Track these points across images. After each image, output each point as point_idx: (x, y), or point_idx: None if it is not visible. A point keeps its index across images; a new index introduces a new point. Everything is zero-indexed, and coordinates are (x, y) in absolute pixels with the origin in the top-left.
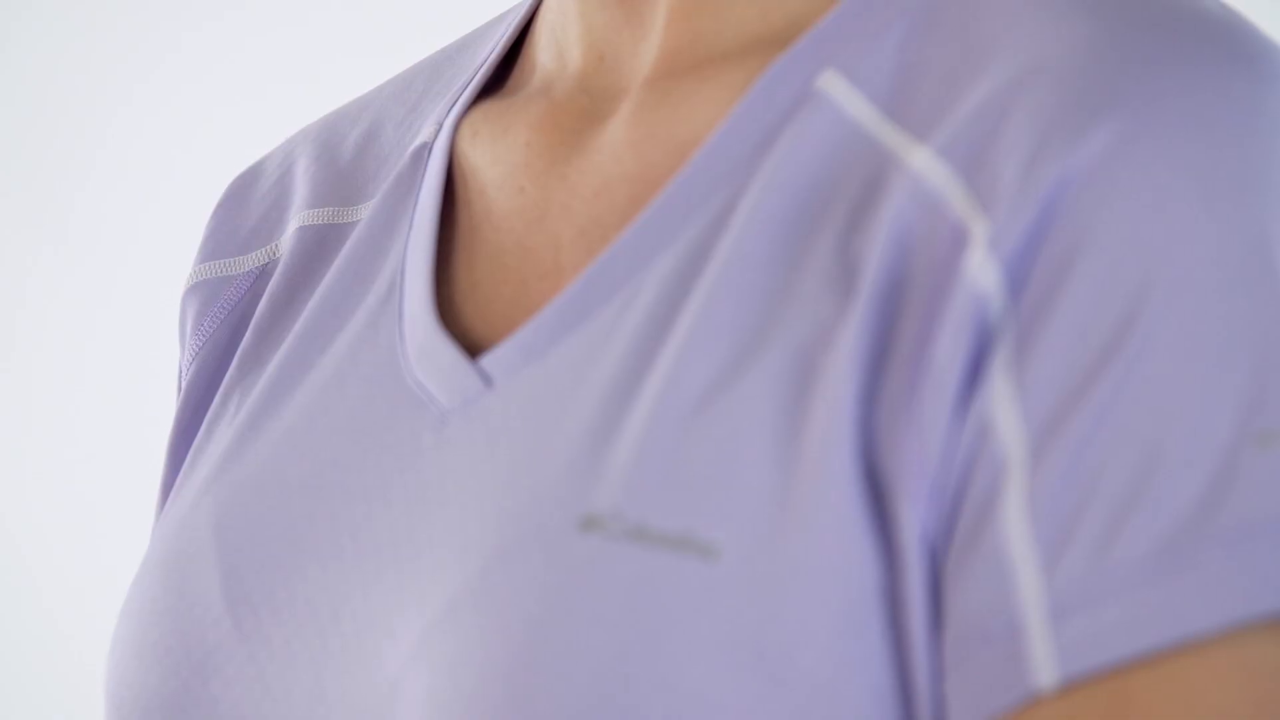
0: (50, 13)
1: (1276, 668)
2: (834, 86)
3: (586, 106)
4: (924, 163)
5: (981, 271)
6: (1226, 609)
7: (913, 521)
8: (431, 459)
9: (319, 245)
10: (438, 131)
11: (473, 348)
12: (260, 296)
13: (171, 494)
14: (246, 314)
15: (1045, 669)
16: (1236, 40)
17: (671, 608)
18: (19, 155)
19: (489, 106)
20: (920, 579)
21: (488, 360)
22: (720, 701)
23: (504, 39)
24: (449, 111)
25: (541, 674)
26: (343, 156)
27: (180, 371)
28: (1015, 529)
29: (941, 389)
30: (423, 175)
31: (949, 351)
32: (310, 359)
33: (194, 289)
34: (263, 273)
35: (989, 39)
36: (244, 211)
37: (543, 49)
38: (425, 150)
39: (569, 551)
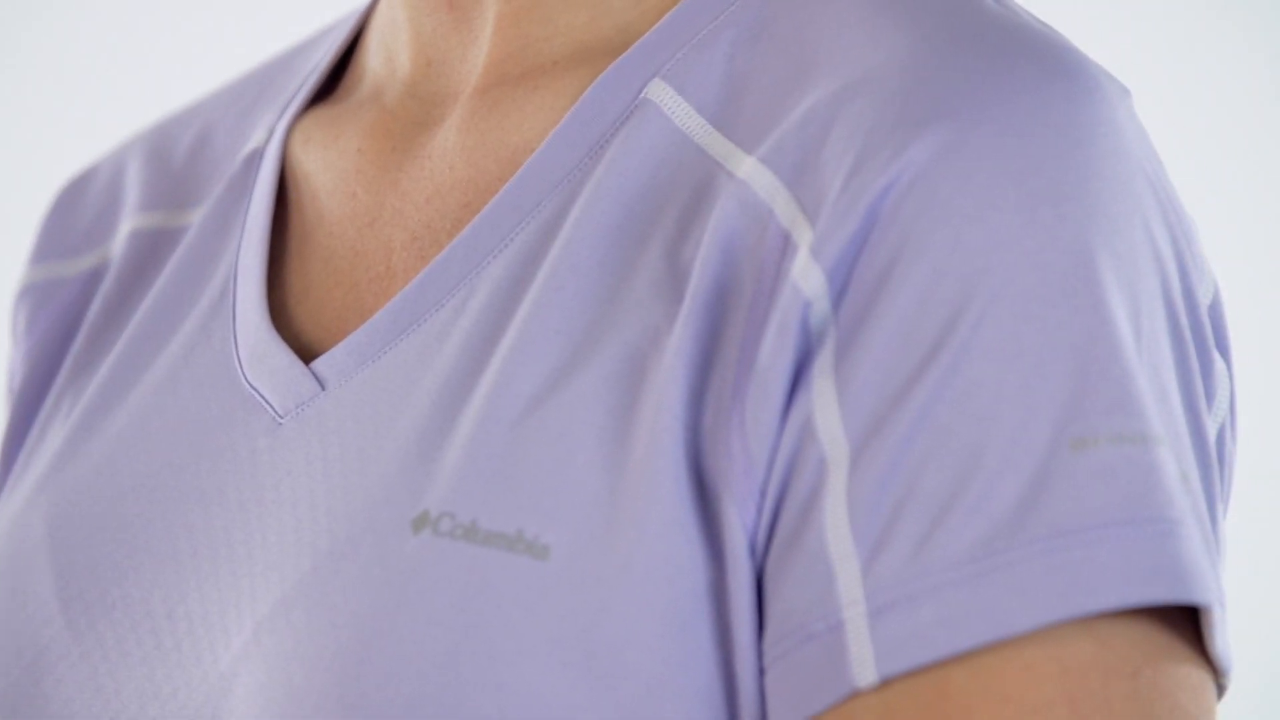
0: (49, 14)
1: (1090, 664)
2: (662, 96)
3: (416, 112)
4: (750, 171)
5: (804, 278)
6: (1039, 610)
7: (738, 522)
8: (265, 461)
9: (151, 249)
10: (269, 137)
11: (306, 352)
12: (93, 299)
13: (3, 495)
14: (79, 316)
15: (864, 667)
16: (1056, 55)
17: (502, 606)
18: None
19: (321, 113)
20: (746, 579)
21: (321, 364)
22: (549, 699)
23: (336, 45)
24: (280, 117)
25: (371, 670)
26: (174, 161)
27: (10, 373)
28: (835, 529)
29: (766, 392)
30: (254, 181)
31: (773, 355)
32: (144, 361)
33: (26, 291)
34: (95, 275)
35: (817, 50)
36: (76, 215)
37: (373, 55)
38: (257, 156)
39: (400, 550)
